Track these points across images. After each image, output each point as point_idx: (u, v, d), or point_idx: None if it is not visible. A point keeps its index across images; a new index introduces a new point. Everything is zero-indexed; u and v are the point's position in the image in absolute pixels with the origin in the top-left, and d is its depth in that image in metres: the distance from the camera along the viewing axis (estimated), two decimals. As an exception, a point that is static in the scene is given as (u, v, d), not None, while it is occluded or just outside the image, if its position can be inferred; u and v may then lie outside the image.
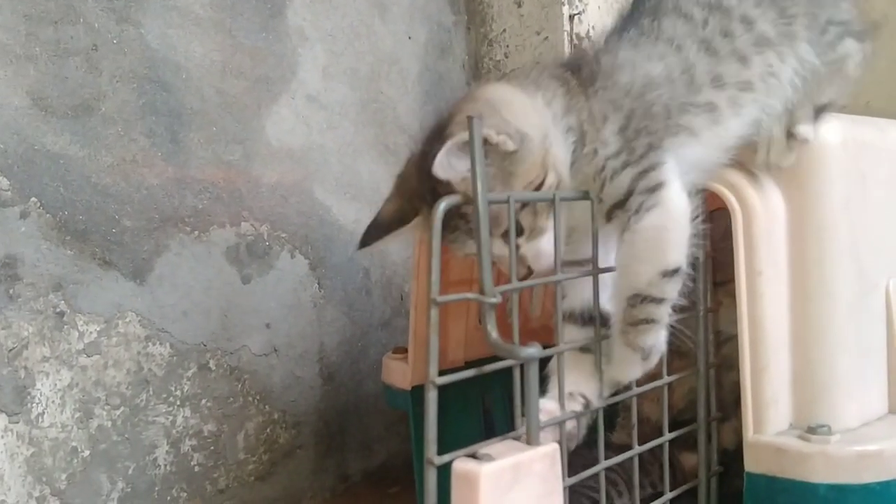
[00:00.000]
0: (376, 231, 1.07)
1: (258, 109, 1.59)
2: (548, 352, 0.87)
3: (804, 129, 0.94)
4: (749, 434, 0.92)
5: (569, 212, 0.93)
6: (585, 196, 0.91)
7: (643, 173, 0.89)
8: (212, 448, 1.52)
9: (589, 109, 0.92)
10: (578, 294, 1.00)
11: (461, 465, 0.72)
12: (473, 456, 0.73)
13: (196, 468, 1.50)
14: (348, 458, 1.77)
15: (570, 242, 0.96)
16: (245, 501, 1.58)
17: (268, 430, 1.62)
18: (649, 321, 0.91)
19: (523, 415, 0.79)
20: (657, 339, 0.92)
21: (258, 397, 1.60)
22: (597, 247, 0.93)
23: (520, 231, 0.90)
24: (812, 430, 0.88)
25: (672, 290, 0.91)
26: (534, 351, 0.73)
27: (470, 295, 0.73)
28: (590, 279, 0.94)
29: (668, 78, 0.93)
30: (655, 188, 0.88)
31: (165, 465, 1.45)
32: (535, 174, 0.90)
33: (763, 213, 0.94)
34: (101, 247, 1.37)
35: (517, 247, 0.87)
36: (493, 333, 0.73)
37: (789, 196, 0.95)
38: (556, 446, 0.76)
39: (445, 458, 0.74)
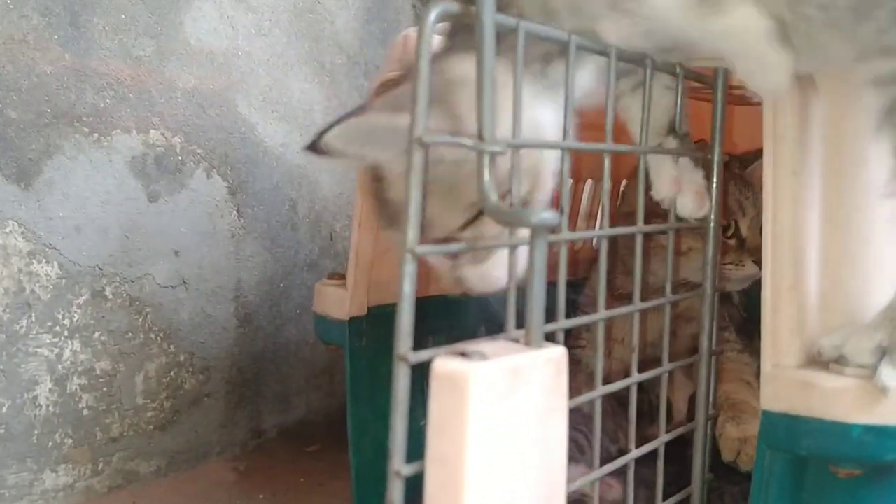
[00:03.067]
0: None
1: (177, 1, 1.37)
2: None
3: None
4: (767, 366, 0.77)
5: None
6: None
7: None
8: (104, 389, 1.30)
9: None
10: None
11: (444, 364, 0.55)
12: (462, 354, 0.55)
13: (85, 411, 1.28)
14: (263, 411, 1.57)
15: None
16: (142, 453, 1.36)
17: (172, 373, 1.40)
18: None
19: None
20: None
21: (162, 335, 1.38)
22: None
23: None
24: (845, 361, 0.73)
25: None
26: (549, 216, 0.54)
27: (467, 141, 0.55)
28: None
29: None
30: None
31: (48, 406, 1.23)
32: None
33: (797, 105, 0.78)
34: (-23, 139, 1.14)
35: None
36: (493, 196, 0.55)
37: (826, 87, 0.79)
38: (562, 350, 0.58)
39: (424, 354, 0.56)
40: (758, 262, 1.26)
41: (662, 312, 1.40)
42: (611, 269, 1.40)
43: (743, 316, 1.49)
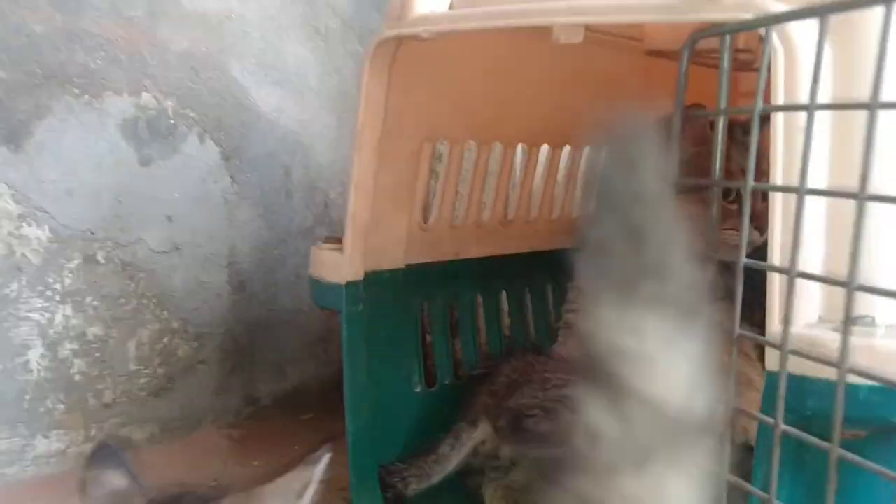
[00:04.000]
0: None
1: (169, -39, 1.34)
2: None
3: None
4: (773, 326, 0.76)
5: None
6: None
7: None
8: (97, 355, 1.29)
9: None
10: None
11: None
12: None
13: (77, 377, 1.27)
14: (257, 379, 1.56)
15: None
16: (135, 419, 1.35)
17: (165, 339, 1.39)
18: None
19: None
20: None
21: (155, 301, 1.37)
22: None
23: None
24: (852, 321, 0.72)
25: None
26: None
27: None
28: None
29: None
30: None
31: (39, 371, 1.22)
32: None
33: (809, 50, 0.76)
34: (-34, 99, 1.12)
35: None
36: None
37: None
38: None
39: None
40: (759, 228, 1.25)
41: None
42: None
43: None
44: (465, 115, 1.19)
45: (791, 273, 0.71)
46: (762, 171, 1.18)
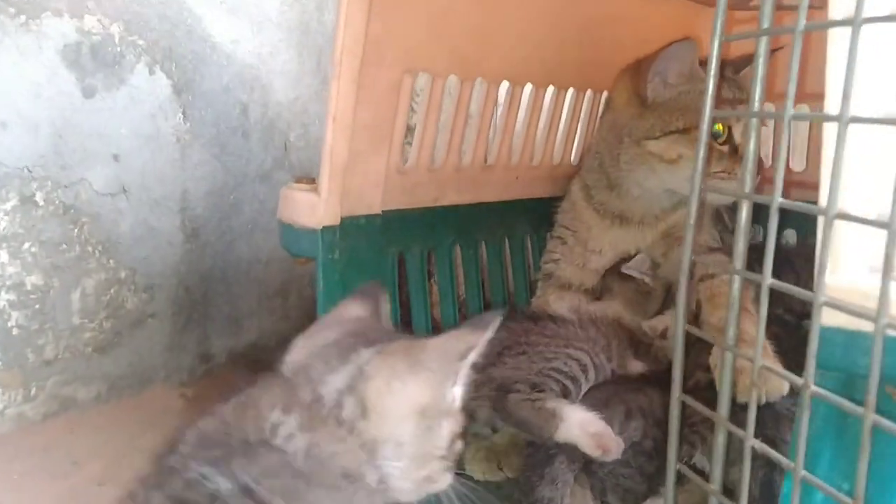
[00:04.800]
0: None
1: None
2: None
3: None
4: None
5: None
6: None
7: None
8: (36, 307, 1.17)
9: None
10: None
11: None
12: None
13: (14, 330, 1.15)
14: (212, 334, 1.45)
15: None
16: (79, 377, 1.24)
17: (112, 290, 1.27)
18: None
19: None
20: None
21: (100, 248, 1.25)
22: None
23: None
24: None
25: None
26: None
27: None
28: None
29: None
30: None
31: (-30, 324, 1.09)
32: None
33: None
34: None
35: None
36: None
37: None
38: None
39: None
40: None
41: (651, 228, 1.32)
42: (593, 183, 1.31)
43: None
44: (448, 47, 1.09)
45: (828, 214, 0.63)
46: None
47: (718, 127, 1.18)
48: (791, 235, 1.48)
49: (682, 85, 1.20)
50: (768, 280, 0.63)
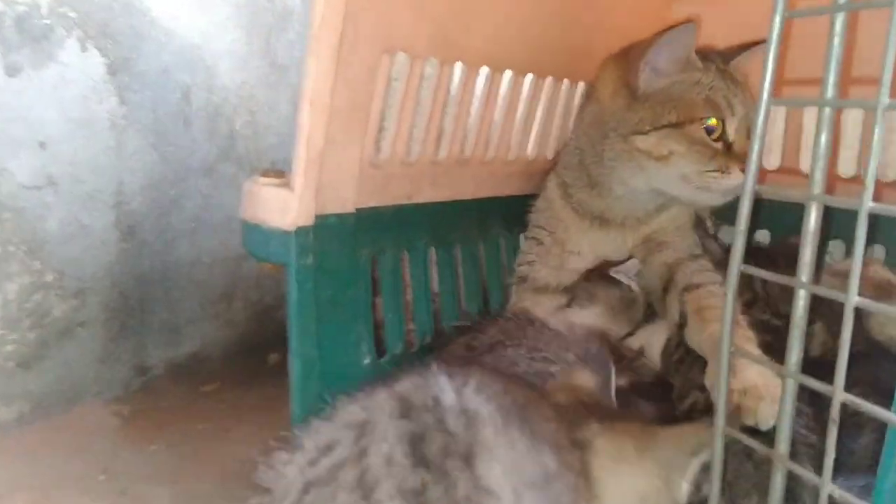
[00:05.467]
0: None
1: None
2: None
3: None
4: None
5: None
6: None
7: None
8: (-52, 316, 1.01)
9: None
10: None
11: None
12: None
13: (-78, 344, 0.99)
14: (149, 343, 1.30)
15: None
16: (0, 395, 1.08)
17: (37, 296, 1.12)
18: None
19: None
20: None
21: (24, 248, 1.09)
22: None
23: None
24: None
25: None
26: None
27: None
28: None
29: None
30: None
31: None
32: None
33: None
34: None
35: None
36: None
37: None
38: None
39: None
40: (745, 171, 1.09)
41: (633, 232, 1.23)
42: (571, 181, 1.22)
43: (720, 244, 1.34)
44: (430, 24, 0.97)
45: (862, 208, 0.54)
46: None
47: (713, 121, 1.10)
48: (764, 235, 1.42)
49: (676, 74, 1.11)
50: (853, 300, 0.54)
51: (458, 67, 1.07)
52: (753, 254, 1.35)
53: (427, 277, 1.09)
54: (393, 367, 1.01)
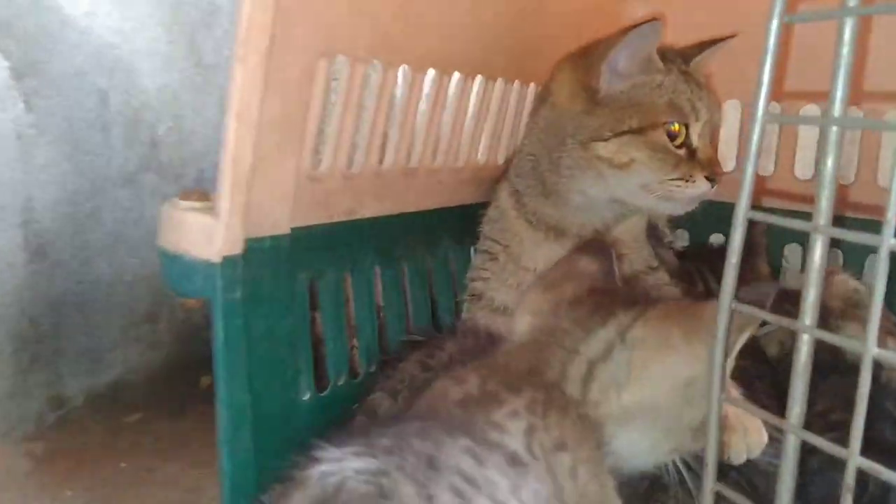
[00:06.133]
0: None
1: None
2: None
3: None
4: None
5: None
6: None
7: None
8: None
9: None
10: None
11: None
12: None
13: None
14: (65, 373, 1.18)
15: None
16: None
17: (-67, 328, 1.00)
18: None
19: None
20: None
21: (-84, 274, 0.97)
22: None
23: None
24: None
25: None
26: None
27: None
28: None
29: None
30: None
31: None
32: None
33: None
34: None
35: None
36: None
37: None
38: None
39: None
40: (710, 179, 1.03)
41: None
42: (524, 189, 1.14)
43: (674, 250, 1.28)
44: (372, 24, 0.88)
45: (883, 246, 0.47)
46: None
47: (675, 127, 1.03)
48: (720, 239, 1.37)
49: (637, 76, 1.04)
50: (873, 350, 0.47)
51: (403, 70, 0.97)
52: (694, 256, 1.30)
53: (372, 299, 1.00)
54: (336, 401, 0.92)
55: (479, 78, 1.11)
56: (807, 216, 0.52)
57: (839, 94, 0.50)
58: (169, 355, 1.31)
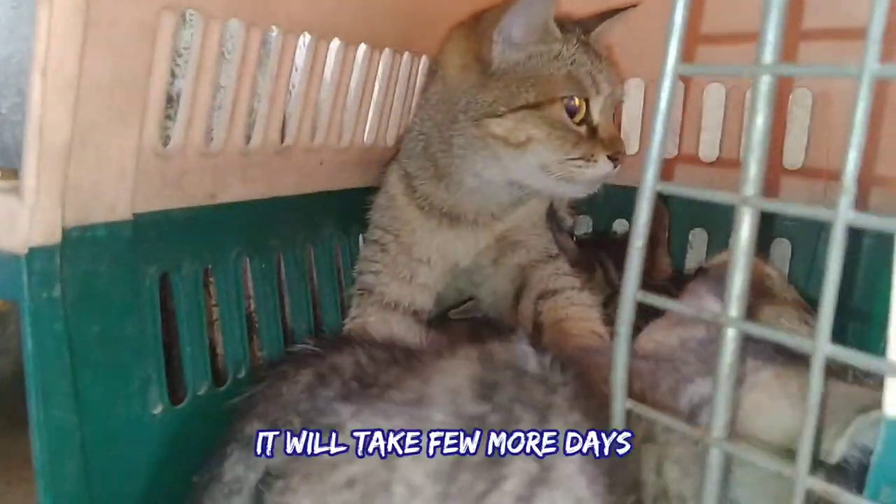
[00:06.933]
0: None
1: None
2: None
3: None
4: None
5: None
6: None
7: None
8: None
9: None
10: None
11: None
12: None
13: None
14: None
15: None
16: None
17: None
18: None
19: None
20: None
21: None
22: None
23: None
24: None
25: None
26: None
27: None
28: None
29: None
30: None
31: None
32: None
33: None
34: None
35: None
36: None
37: None
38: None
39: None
40: (613, 158, 0.94)
41: (487, 230, 1.07)
42: (415, 172, 1.04)
43: (574, 237, 1.20)
44: (228, -23, 0.76)
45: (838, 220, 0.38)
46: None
47: (576, 102, 0.94)
48: (623, 225, 1.30)
49: (533, 45, 0.94)
50: (825, 348, 0.37)
51: (272, 33, 0.85)
52: (595, 243, 1.22)
53: (240, 295, 0.88)
54: (196, 414, 0.80)
55: (362, 46, 1.00)
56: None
57: (770, 36, 0.41)
58: (13, 363, 1.16)
